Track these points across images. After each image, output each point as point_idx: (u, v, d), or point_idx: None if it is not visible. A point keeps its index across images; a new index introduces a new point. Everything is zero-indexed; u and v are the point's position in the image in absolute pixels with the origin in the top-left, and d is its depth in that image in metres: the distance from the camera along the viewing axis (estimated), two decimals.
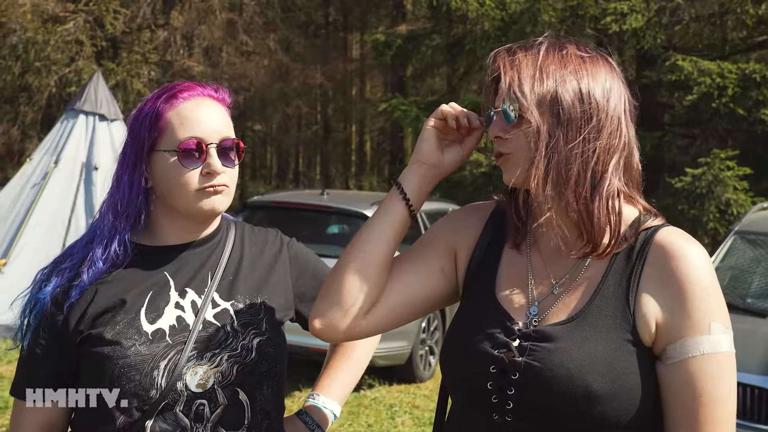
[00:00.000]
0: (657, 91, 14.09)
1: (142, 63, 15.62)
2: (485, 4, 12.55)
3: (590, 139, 1.50)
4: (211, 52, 16.07)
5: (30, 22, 14.63)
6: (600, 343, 1.48)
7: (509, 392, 1.50)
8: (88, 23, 15.16)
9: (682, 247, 1.50)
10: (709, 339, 1.45)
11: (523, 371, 1.50)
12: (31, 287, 1.79)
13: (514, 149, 1.53)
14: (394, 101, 12.87)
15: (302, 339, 3.44)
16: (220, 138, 1.76)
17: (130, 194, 1.76)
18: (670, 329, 1.47)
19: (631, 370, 1.47)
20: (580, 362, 1.46)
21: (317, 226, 7.84)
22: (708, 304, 1.47)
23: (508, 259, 1.66)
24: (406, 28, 15.47)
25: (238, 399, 1.74)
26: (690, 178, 11.32)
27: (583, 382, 1.44)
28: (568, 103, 1.50)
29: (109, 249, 1.75)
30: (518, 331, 1.55)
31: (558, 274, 1.59)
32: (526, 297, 1.59)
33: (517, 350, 1.52)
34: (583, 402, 1.44)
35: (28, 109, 15.77)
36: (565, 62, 1.53)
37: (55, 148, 9.56)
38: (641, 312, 1.49)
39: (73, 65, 14.95)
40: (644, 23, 12.42)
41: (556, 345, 1.50)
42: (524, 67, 1.53)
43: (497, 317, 1.58)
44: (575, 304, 1.54)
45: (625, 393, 1.46)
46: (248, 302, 1.82)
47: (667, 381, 1.48)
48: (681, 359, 1.46)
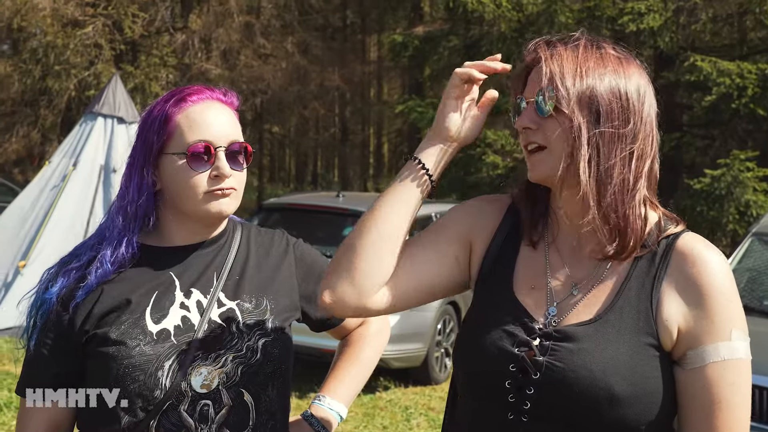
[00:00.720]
0: (675, 92, 14.00)
1: (160, 66, 15.71)
2: (502, 6, 12.52)
3: (627, 142, 1.50)
4: (228, 55, 16.13)
5: (50, 27, 14.76)
6: (622, 345, 1.48)
7: (528, 392, 1.49)
8: (107, 27, 15.27)
9: (703, 254, 1.51)
10: (729, 345, 1.46)
11: (545, 371, 1.48)
12: (38, 287, 1.80)
13: (549, 141, 1.51)
14: (410, 103, 12.87)
15: (316, 341, 3.46)
16: (228, 141, 1.77)
17: (139, 196, 1.77)
18: (691, 335, 1.48)
19: (653, 374, 1.47)
20: (604, 364, 1.46)
21: (333, 228, 7.85)
22: (729, 311, 1.48)
23: (524, 256, 1.64)
24: (423, 29, 15.47)
25: (243, 400, 1.74)
26: (709, 180, 11.23)
27: (606, 385, 1.44)
28: (606, 103, 1.49)
29: (117, 251, 1.76)
30: (539, 330, 1.53)
31: (578, 274, 1.58)
32: (545, 296, 1.58)
33: (538, 349, 1.51)
34: (605, 405, 1.44)
35: (48, 113, 15.91)
36: (604, 61, 1.53)
37: (74, 150, 9.63)
38: (663, 317, 1.49)
39: (92, 69, 15.07)
40: (662, 23, 12.35)
41: (578, 345, 1.49)
42: (565, 61, 1.51)
43: (516, 315, 1.56)
44: (597, 305, 1.53)
45: (646, 397, 1.46)
46: (254, 302, 1.82)
47: (685, 385, 1.48)
48: (702, 365, 1.47)
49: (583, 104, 1.49)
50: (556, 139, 1.50)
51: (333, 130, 28.08)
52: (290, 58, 17.16)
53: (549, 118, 1.51)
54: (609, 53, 1.55)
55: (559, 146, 1.50)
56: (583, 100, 1.49)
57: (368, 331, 2.11)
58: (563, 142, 1.49)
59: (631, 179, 1.51)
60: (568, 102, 1.48)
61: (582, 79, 1.50)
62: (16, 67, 15.48)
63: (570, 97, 1.49)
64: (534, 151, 1.54)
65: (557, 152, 1.50)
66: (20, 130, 16.21)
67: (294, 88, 17.37)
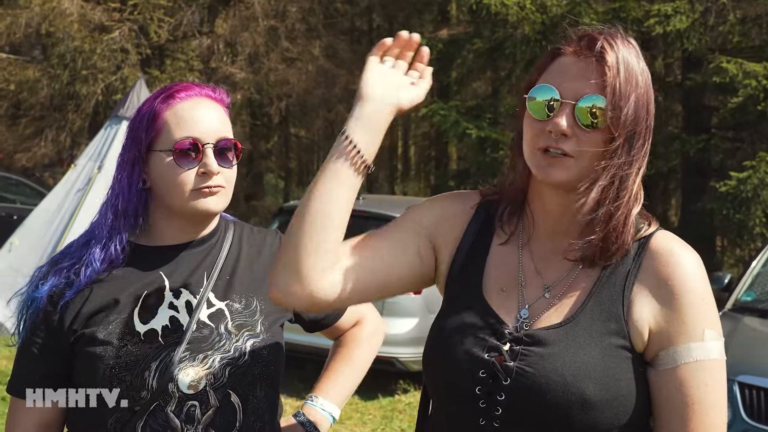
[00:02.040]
0: (703, 95, 13.83)
1: (185, 70, 15.81)
2: (526, 8, 12.45)
3: (644, 161, 1.49)
4: (253, 58, 16.20)
5: (77, 32, 14.90)
6: (594, 348, 1.44)
7: (499, 398, 1.46)
8: (134, 32, 15.41)
9: (675, 253, 1.47)
10: (702, 346, 1.43)
11: (515, 377, 1.45)
12: (28, 285, 1.80)
13: (580, 153, 1.43)
14: (433, 106, 12.81)
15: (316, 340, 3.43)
16: (216, 138, 1.76)
17: (129, 194, 1.77)
18: (663, 335, 1.44)
19: (625, 377, 1.44)
20: (575, 368, 1.42)
21: (354, 230, 7.82)
22: (702, 311, 1.44)
23: (496, 256, 1.59)
24: (447, 32, 15.43)
25: (230, 401, 1.73)
26: (735, 182, 11.06)
27: (578, 389, 1.41)
28: (643, 118, 1.46)
29: (107, 249, 1.76)
30: (509, 335, 1.49)
31: (550, 277, 1.54)
32: (516, 299, 1.54)
33: (508, 354, 1.47)
34: (577, 409, 1.40)
35: (76, 117, 16.08)
36: (640, 60, 1.48)
37: (98, 154, 9.73)
38: (634, 318, 1.46)
39: (118, 73, 15.20)
40: (689, 25, 12.21)
41: (549, 350, 1.45)
42: (627, 68, 1.44)
43: (486, 319, 1.52)
44: (568, 308, 1.49)
45: (619, 400, 1.42)
46: (244, 303, 1.81)
47: (659, 387, 1.45)
48: (673, 366, 1.43)
49: (627, 127, 1.43)
50: (587, 153, 1.43)
51: None
52: (315, 62, 17.19)
53: (588, 130, 1.43)
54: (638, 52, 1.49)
55: (587, 160, 1.43)
56: (628, 121, 1.43)
57: (362, 332, 2.10)
58: (594, 157, 1.43)
59: (635, 193, 1.48)
60: (616, 125, 1.42)
61: (633, 94, 1.43)
62: (45, 72, 15.66)
63: (621, 117, 1.42)
64: (553, 153, 1.45)
65: (583, 165, 1.44)
66: (49, 134, 16.40)
67: (319, 92, 17.39)
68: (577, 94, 1.43)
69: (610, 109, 1.41)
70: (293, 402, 6.56)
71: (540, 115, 1.46)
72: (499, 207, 1.62)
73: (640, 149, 1.47)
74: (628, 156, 1.44)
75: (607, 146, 1.43)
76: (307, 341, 5.88)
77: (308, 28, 17.33)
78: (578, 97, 1.43)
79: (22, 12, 14.88)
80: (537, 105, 1.46)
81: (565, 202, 1.50)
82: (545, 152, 1.45)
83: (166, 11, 15.58)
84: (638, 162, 1.47)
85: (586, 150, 1.43)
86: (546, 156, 1.45)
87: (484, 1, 12.20)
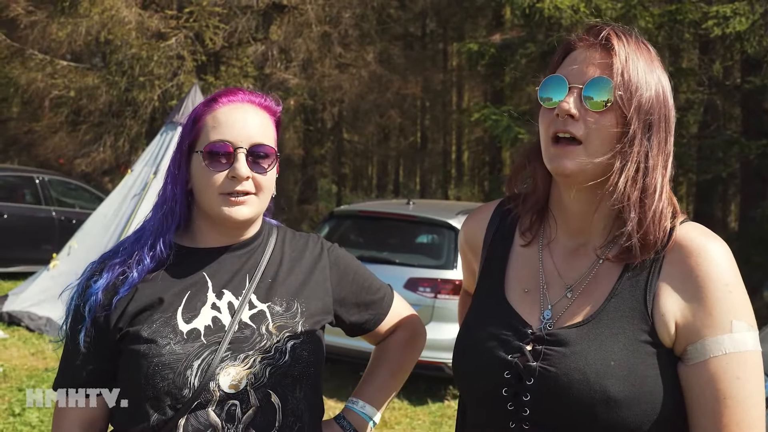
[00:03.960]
0: (763, 98, 13.52)
1: (240, 76, 16.01)
2: (579, 11, 12.33)
3: (667, 152, 1.47)
4: (307, 64, 16.32)
5: (135, 40, 15.19)
6: (617, 345, 1.41)
7: (525, 399, 1.45)
8: (189, 39, 15.65)
9: (701, 244, 1.43)
10: (732, 338, 1.38)
11: (538, 377, 1.44)
12: (80, 280, 1.84)
13: (588, 138, 1.43)
14: (485, 111, 12.76)
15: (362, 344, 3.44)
16: (251, 143, 1.77)
17: (174, 194, 1.81)
18: (690, 329, 1.40)
19: (652, 373, 1.40)
20: (597, 366, 1.40)
21: (402, 235, 7.85)
22: (729, 301, 1.39)
23: (518, 257, 1.60)
24: (500, 37, 15.36)
25: (270, 401, 1.75)
26: None
27: (601, 387, 1.38)
28: (659, 108, 1.45)
29: (155, 248, 1.79)
30: (531, 335, 1.49)
31: (572, 276, 1.53)
32: (539, 299, 1.54)
33: (531, 355, 1.46)
34: (602, 408, 1.38)
35: (133, 123, 16.39)
36: (654, 60, 1.48)
37: (154, 159, 9.89)
38: (660, 312, 1.42)
39: (174, 79, 15.45)
40: (748, 27, 11.95)
41: (571, 349, 1.44)
42: (638, 59, 1.45)
43: (509, 320, 1.53)
44: (590, 306, 1.48)
45: (646, 397, 1.39)
46: (285, 305, 1.83)
47: (689, 383, 1.40)
48: (703, 360, 1.39)
49: (641, 112, 1.43)
50: (597, 138, 1.42)
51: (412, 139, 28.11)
52: (368, 67, 17.26)
53: (597, 113, 1.43)
54: (653, 50, 1.49)
55: (598, 145, 1.43)
56: (642, 108, 1.43)
57: (404, 336, 2.09)
58: (604, 142, 1.42)
59: (665, 185, 1.46)
60: (629, 106, 1.42)
61: (648, 84, 1.44)
62: (104, 79, 15.99)
63: (633, 101, 1.42)
64: (565, 142, 1.45)
65: (592, 150, 1.43)
66: (107, 140, 16.74)
67: (371, 97, 17.46)
68: (583, 78, 1.45)
69: (619, 89, 1.41)
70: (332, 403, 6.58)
71: (551, 104, 1.48)
72: (519, 213, 1.64)
73: (662, 145, 1.45)
74: (648, 146, 1.43)
75: (621, 129, 1.42)
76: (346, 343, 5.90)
77: (361, 34, 17.41)
78: (584, 81, 1.44)
79: (82, 20, 15.22)
80: (547, 96, 1.49)
81: (583, 199, 1.50)
82: (556, 142, 1.46)
83: (221, 18, 15.79)
84: (662, 157, 1.45)
85: (594, 133, 1.42)
86: (556, 146, 1.46)
87: (538, 5, 12.11)
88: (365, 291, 2.01)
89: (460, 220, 7.48)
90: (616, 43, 1.44)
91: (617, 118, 1.42)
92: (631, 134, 1.42)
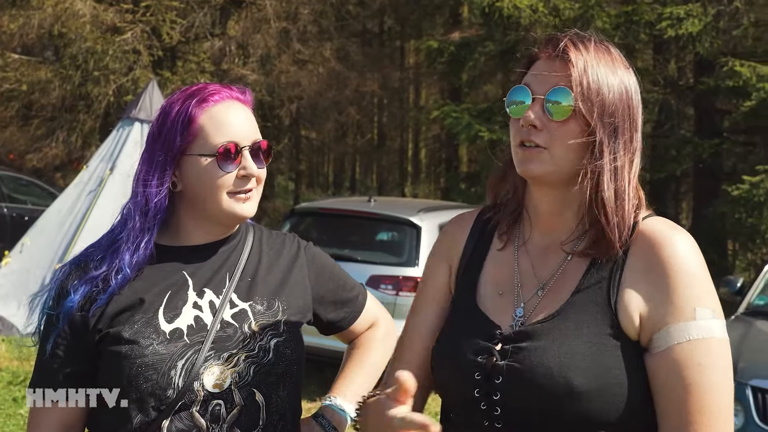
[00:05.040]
0: (715, 98, 13.79)
1: (197, 72, 15.86)
2: (538, 11, 12.45)
3: (635, 152, 1.51)
4: (265, 60, 16.22)
5: (89, 33, 14.94)
6: (581, 338, 1.44)
7: (495, 397, 1.48)
8: (146, 33, 15.46)
9: (666, 235, 1.46)
10: (696, 324, 1.40)
11: (506, 374, 1.47)
12: (53, 285, 1.80)
13: (552, 145, 1.47)
14: (445, 108, 12.83)
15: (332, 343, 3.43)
16: (252, 140, 1.79)
17: (159, 197, 1.77)
18: (654, 318, 1.42)
19: (616, 365, 1.42)
20: (560, 359, 1.42)
21: (364, 233, 7.85)
22: (692, 289, 1.41)
23: (494, 261, 1.64)
24: (459, 35, 15.43)
25: (255, 400, 1.74)
26: (748, 186, 11.04)
27: (564, 379, 1.40)
28: (622, 109, 1.48)
29: (136, 254, 1.76)
30: (499, 335, 1.52)
31: (544, 274, 1.56)
32: (513, 299, 1.57)
33: (499, 354, 1.50)
34: (566, 400, 1.40)
35: (87, 118, 16.14)
36: (616, 61, 1.52)
37: (110, 155, 9.75)
38: (623, 304, 1.45)
39: (130, 74, 15.25)
40: (701, 28, 12.18)
41: (535, 344, 1.47)
42: (599, 65, 1.48)
43: (478, 323, 1.56)
44: (558, 301, 1.51)
45: (611, 389, 1.40)
46: (266, 304, 1.82)
47: (654, 371, 1.42)
48: (667, 347, 1.40)
49: (605, 116, 1.46)
50: (560, 146, 1.47)
51: (369, 136, 28.13)
52: (326, 64, 17.21)
53: (559, 122, 1.47)
54: (615, 53, 1.53)
55: (562, 153, 1.47)
56: (606, 112, 1.46)
57: (377, 334, 2.11)
58: (569, 150, 1.47)
59: (632, 181, 1.51)
60: (590, 114, 1.45)
61: (609, 89, 1.47)
62: (57, 73, 15.72)
63: (594, 108, 1.46)
64: (528, 146, 1.50)
65: (557, 156, 1.48)
66: (60, 135, 16.46)
67: (329, 94, 17.42)
68: (545, 88, 1.49)
69: (579, 99, 1.46)
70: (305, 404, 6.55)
71: (517, 114, 1.53)
72: (498, 219, 1.67)
73: (628, 144, 1.49)
74: (615, 149, 1.47)
75: (586, 137, 1.46)
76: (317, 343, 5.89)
77: (320, 30, 17.36)
78: (546, 91, 1.49)
79: (34, 13, 14.94)
80: (513, 105, 1.54)
81: (552, 199, 1.54)
82: (522, 147, 1.51)
83: (178, 13, 15.63)
84: (628, 156, 1.49)
85: (557, 142, 1.47)
86: (523, 150, 1.50)
87: (497, 4, 12.20)
88: (341, 289, 2.03)
89: (422, 217, 7.51)
90: (573, 55, 1.48)
91: (581, 126, 1.47)
92: (599, 141, 1.46)
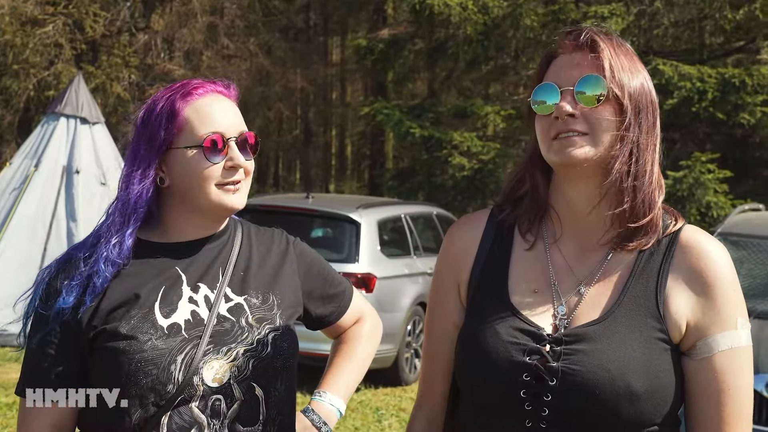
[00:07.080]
0: None
1: (122, 66, 15.51)
2: (468, 9, 12.59)
3: (655, 137, 1.54)
4: (192, 55, 15.97)
5: (8, 25, 14.45)
6: (634, 342, 1.49)
7: (545, 399, 1.49)
8: (68, 26, 15.03)
9: (707, 247, 1.54)
10: (736, 333, 1.50)
11: (562, 376, 1.48)
12: (39, 286, 1.75)
13: (594, 129, 1.50)
14: (376, 105, 12.87)
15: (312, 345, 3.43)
16: (238, 132, 1.78)
17: (144, 193, 1.75)
18: (699, 326, 1.51)
19: (665, 368, 1.49)
20: (619, 362, 1.46)
21: (303, 229, 7.82)
22: (734, 300, 1.51)
23: (522, 261, 1.62)
24: (388, 32, 15.49)
25: (254, 394, 1.73)
26: (671, 181, 11.41)
27: (625, 383, 1.45)
28: (645, 101, 1.52)
29: (114, 249, 1.73)
30: (548, 336, 1.53)
31: (582, 271, 1.58)
32: (551, 297, 1.57)
33: (550, 355, 1.50)
34: (626, 402, 1.45)
35: (5, 113, 15.61)
36: (634, 56, 1.56)
37: (35, 151, 9.50)
38: (670, 311, 1.51)
39: (52, 68, 14.82)
40: (624, 27, 12.52)
41: (592, 346, 1.49)
42: (619, 54, 1.52)
43: (515, 322, 1.55)
44: (604, 303, 1.54)
45: (661, 391, 1.48)
46: (261, 297, 1.82)
47: (695, 375, 1.51)
48: (710, 354, 1.50)
49: (632, 99, 1.51)
50: (599, 128, 1.49)
51: (296, 132, 27.97)
52: (253, 59, 17.05)
53: (593, 108, 1.49)
54: (629, 47, 1.58)
55: (601, 134, 1.49)
56: (633, 97, 1.51)
57: (363, 329, 2.12)
58: (607, 132, 1.49)
59: (655, 172, 1.55)
60: (623, 95, 1.49)
61: (633, 74, 1.52)
62: None
63: (624, 90, 1.50)
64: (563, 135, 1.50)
65: (598, 139, 1.49)
66: None
67: (257, 90, 17.27)
68: (572, 80, 1.51)
69: (612, 83, 1.49)
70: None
71: (545, 111, 1.53)
72: (515, 219, 1.66)
73: (651, 129, 1.54)
74: (640, 131, 1.51)
75: (618, 118, 1.49)
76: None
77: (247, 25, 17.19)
78: (574, 82, 1.51)
79: None
80: (541, 103, 1.54)
81: (588, 193, 1.54)
82: (558, 139, 1.51)
83: (101, 5, 15.25)
84: (651, 140, 1.53)
85: (596, 124, 1.49)
86: (560, 141, 1.51)
87: (428, 1, 12.30)
88: (329, 284, 2.03)
89: (361, 213, 7.52)
90: (601, 41, 1.52)
91: (613, 107, 1.50)
92: (627, 121, 1.49)
